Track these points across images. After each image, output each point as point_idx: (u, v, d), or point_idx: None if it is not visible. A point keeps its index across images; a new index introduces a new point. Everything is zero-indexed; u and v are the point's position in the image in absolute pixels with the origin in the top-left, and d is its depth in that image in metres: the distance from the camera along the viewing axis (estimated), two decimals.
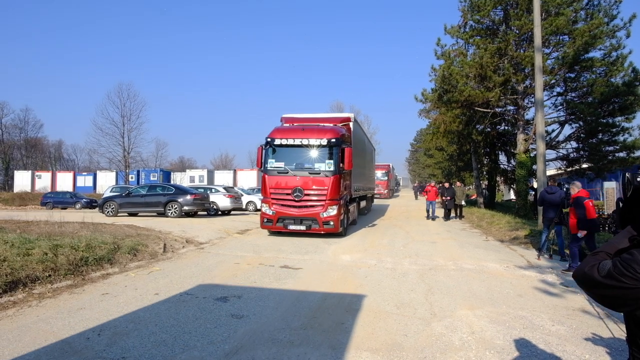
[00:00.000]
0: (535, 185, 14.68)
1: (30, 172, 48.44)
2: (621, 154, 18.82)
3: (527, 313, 5.44)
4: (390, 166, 47.56)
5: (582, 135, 19.90)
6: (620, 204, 1.75)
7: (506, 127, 23.94)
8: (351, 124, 14.31)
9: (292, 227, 12.09)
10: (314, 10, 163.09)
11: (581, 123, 19.45)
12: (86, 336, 4.42)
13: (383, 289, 6.58)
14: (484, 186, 30.30)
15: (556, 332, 4.74)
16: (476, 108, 20.46)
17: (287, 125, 13.91)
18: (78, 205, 30.11)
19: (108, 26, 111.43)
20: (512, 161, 24.43)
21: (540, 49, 14.12)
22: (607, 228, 15.80)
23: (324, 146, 12.20)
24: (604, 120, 18.46)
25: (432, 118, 26.98)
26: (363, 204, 19.31)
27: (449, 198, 18.97)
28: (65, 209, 28.99)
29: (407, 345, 4.31)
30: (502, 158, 26.62)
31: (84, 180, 46.24)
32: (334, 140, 12.11)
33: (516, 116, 20.97)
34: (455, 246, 11.33)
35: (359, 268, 8.15)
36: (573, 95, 20.19)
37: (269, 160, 12.60)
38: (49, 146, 70.06)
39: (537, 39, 13.91)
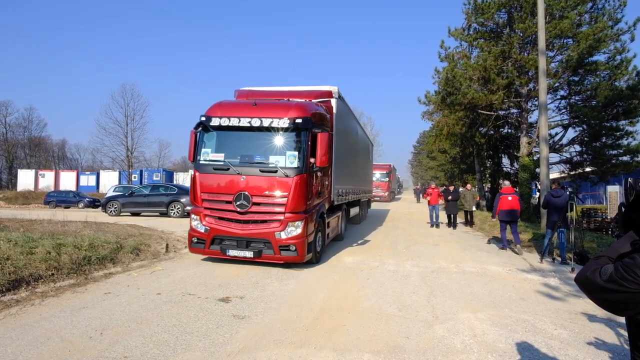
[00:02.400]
0: (539, 188, 14.56)
1: (33, 171, 48.60)
2: (625, 158, 18.75)
3: (530, 316, 5.43)
4: (392, 166, 43.68)
5: (585, 138, 19.83)
6: (623, 209, 1.75)
7: (509, 130, 23.88)
8: (333, 102, 9.90)
9: (232, 253, 7.93)
10: (314, 10, 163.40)
11: (585, 126, 19.38)
12: (89, 335, 4.43)
13: (385, 291, 6.58)
14: (486, 189, 30.22)
15: (558, 336, 4.72)
16: (479, 111, 20.42)
17: (238, 101, 9.76)
18: (81, 205, 30.22)
19: (109, 26, 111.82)
20: (515, 164, 24.37)
21: (544, 52, 14.10)
22: (610, 232, 15.75)
23: (284, 130, 8.04)
24: (608, 124, 18.39)
25: (435, 120, 26.93)
26: (355, 211, 15.22)
27: (450, 198, 16.76)
28: (68, 208, 29.10)
29: (408, 347, 4.30)
30: (505, 161, 26.56)
31: (87, 180, 46.37)
32: (300, 120, 7.86)
33: (519, 119, 20.92)
34: (457, 249, 11.31)
35: (361, 270, 8.14)
36: (577, 98, 20.13)
37: (203, 151, 8.47)
38: (52, 145, 70.35)
39: (541, 42, 13.89)
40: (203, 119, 8.36)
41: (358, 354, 4.10)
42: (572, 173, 21.76)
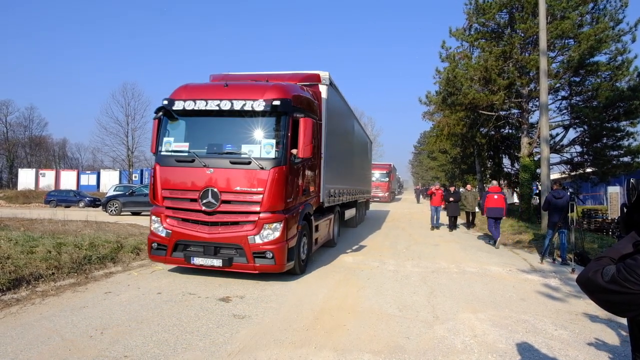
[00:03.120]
0: (540, 188, 14.48)
1: (34, 170, 48.69)
2: (626, 159, 18.74)
3: (530, 317, 5.43)
4: (392, 166, 42.39)
5: (586, 139, 19.81)
6: (625, 210, 1.74)
7: (510, 131, 23.85)
8: (323, 89, 8.72)
9: (198, 261, 6.73)
10: (314, 10, 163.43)
11: (586, 127, 19.36)
12: (89, 334, 4.44)
13: (385, 291, 6.58)
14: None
15: (559, 337, 4.72)
16: (480, 111, 20.39)
17: (208, 83, 8.51)
18: (81, 204, 30.24)
19: (109, 25, 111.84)
20: (515, 165, 24.34)
21: (545, 53, 14.08)
22: (610, 232, 15.74)
23: (260, 114, 6.83)
24: (609, 125, 18.37)
25: (436, 120, 26.91)
26: (351, 213, 14.01)
27: (451, 199, 16.33)
28: (68, 207, 29.12)
29: (409, 347, 4.30)
30: (506, 161, 26.51)
31: (88, 179, 46.45)
32: (278, 103, 6.67)
33: (520, 119, 20.90)
34: (458, 249, 11.31)
35: (361, 270, 8.14)
36: (578, 99, 20.11)
37: (164, 141, 7.26)
38: (53, 144, 70.40)
39: (542, 43, 13.88)
40: (165, 102, 7.12)
41: (358, 354, 4.10)
42: (572, 174, 21.75)
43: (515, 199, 33.28)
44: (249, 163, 6.70)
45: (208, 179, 6.78)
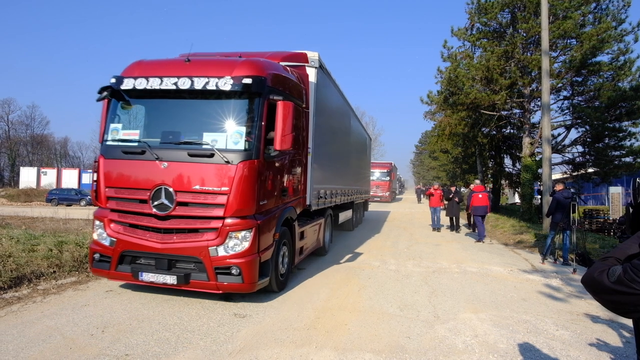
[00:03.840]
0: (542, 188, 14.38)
1: (35, 168, 48.83)
2: (627, 159, 18.72)
3: (531, 317, 5.41)
4: (392, 165, 40.89)
5: (588, 139, 19.79)
6: (630, 210, 1.73)
7: (512, 131, 23.83)
8: (311, 71, 7.46)
9: (147, 278, 5.41)
10: (314, 10, 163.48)
11: (587, 127, 19.33)
12: (90, 332, 4.44)
13: (386, 290, 6.57)
14: (488, 189, 30.18)
15: (560, 337, 4.71)
16: (482, 111, 20.38)
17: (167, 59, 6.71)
18: (83, 202, 30.30)
19: (110, 24, 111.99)
20: (517, 164, 24.33)
21: (547, 52, 14.06)
22: (612, 233, 15.71)
23: (226, 94, 5.54)
24: (611, 125, 18.35)
25: (438, 120, 26.90)
26: (346, 215, 12.79)
27: (455, 199, 15.50)
28: (70, 205, 29.17)
29: (410, 347, 4.29)
30: (507, 161, 26.51)
31: (90, 178, 46.43)
32: (249, 81, 5.40)
33: (522, 119, 20.88)
34: (459, 249, 11.29)
35: (362, 269, 8.13)
36: (580, 99, 20.09)
37: (111, 128, 5.96)
38: (54, 143, 70.54)
39: (545, 42, 13.85)
40: (113, 81, 5.80)
41: (359, 354, 4.09)
42: (574, 174, 21.72)
43: (517, 199, 33.27)
44: (212, 156, 5.35)
45: (161, 176, 5.46)
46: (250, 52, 7.22)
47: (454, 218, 15.78)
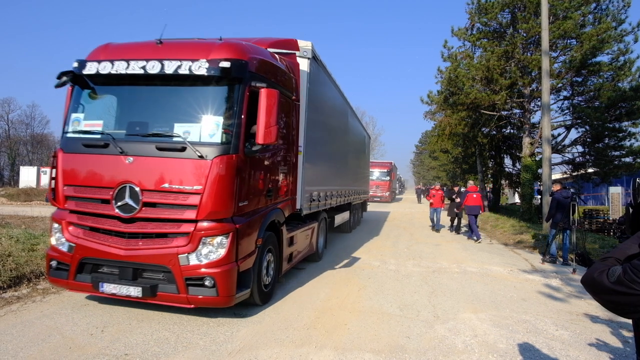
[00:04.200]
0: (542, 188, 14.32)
1: (35, 167, 48.73)
2: (627, 159, 18.75)
3: (531, 317, 5.42)
4: (392, 164, 40.17)
5: (588, 139, 19.80)
6: (630, 210, 1.73)
7: (512, 131, 23.84)
8: (303, 62, 6.80)
9: (109, 289, 4.75)
10: (314, 10, 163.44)
11: (587, 127, 19.35)
12: (90, 332, 4.44)
13: (386, 290, 6.57)
14: (488, 189, 30.18)
15: (560, 337, 4.71)
16: (482, 111, 20.38)
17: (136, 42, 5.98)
18: None
19: (110, 24, 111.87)
20: (517, 164, 24.34)
21: (547, 53, 14.05)
22: (612, 233, 15.71)
23: (201, 80, 4.93)
24: (611, 125, 18.37)
25: (438, 120, 26.89)
26: (343, 217, 12.07)
27: (456, 200, 15.10)
28: None
29: (409, 347, 4.30)
30: (507, 161, 26.53)
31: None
32: (227, 64, 4.76)
33: (522, 119, 20.88)
34: (459, 249, 11.30)
35: (362, 269, 8.13)
36: (580, 99, 20.10)
37: (72, 118, 5.33)
38: (55, 142, 70.43)
39: (545, 43, 13.84)
40: (75, 65, 5.16)
41: (359, 354, 4.09)
42: (574, 174, 21.73)
43: (517, 199, 33.27)
44: (184, 150, 4.67)
45: (126, 172, 4.80)
46: (232, 38, 6.12)
47: (455, 218, 15.41)
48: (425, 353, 4.16)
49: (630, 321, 1.74)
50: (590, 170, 20.73)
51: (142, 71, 4.80)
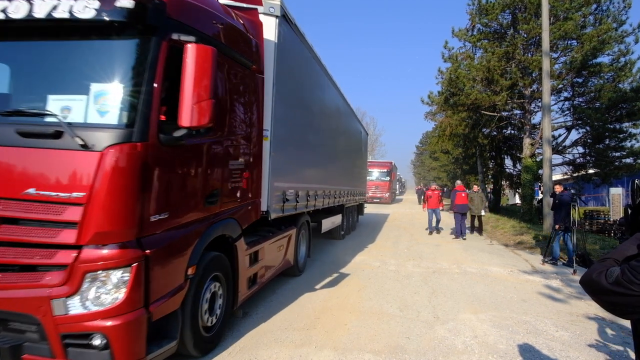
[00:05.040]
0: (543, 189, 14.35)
1: None
2: (628, 160, 18.77)
3: (531, 318, 5.42)
4: (392, 164, 38.21)
5: (588, 140, 19.81)
6: (629, 211, 1.73)
7: (512, 131, 23.85)
8: (268, 21, 5.22)
9: None
10: (314, 10, 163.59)
11: (588, 128, 19.37)
12: None
13: (386, 290, 6.57)
14: (489, 190, 30.20)
15: (560, 338, 4.72)
16: (482, 111, 20.39)
17: None
18: None
19: None
20: (517, 165, 24.35)
21: (548, 54, 14.06)
22: (612, 234, 15.71)
23: (90, 29, 3.09)
24: (611, 126, 18.39)
25: (438, 121, 26.91)
26: (333, 222, 10.55)
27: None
28: None
29: (409, 348, 4.30)
30: (508, 162, 26.56)
31: None
32: (130, 5, 2.96)
33: (523, 120, 20.89)
34: (459, 249, 11.29)
35: (362, 270, 8.13)
36: (580, 100, 20.11)
37: None
38: None
39: (545, 43, 13.85)
40: None
41: (359, 354, 4.10)
42: (575, 175, 21.73)
43: (517, 200, 33.28)
44: (59, 135, 2.99)
45: None
46: None
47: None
48: (425, 353, 4.16)
49: (629, 322, 1.74)
50: (590, 171, 20.74)
51: (1, 15, 3.13)
